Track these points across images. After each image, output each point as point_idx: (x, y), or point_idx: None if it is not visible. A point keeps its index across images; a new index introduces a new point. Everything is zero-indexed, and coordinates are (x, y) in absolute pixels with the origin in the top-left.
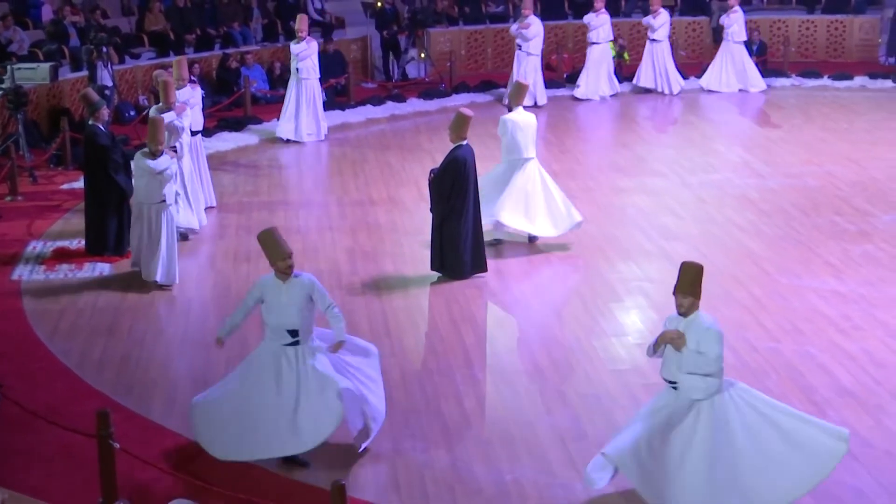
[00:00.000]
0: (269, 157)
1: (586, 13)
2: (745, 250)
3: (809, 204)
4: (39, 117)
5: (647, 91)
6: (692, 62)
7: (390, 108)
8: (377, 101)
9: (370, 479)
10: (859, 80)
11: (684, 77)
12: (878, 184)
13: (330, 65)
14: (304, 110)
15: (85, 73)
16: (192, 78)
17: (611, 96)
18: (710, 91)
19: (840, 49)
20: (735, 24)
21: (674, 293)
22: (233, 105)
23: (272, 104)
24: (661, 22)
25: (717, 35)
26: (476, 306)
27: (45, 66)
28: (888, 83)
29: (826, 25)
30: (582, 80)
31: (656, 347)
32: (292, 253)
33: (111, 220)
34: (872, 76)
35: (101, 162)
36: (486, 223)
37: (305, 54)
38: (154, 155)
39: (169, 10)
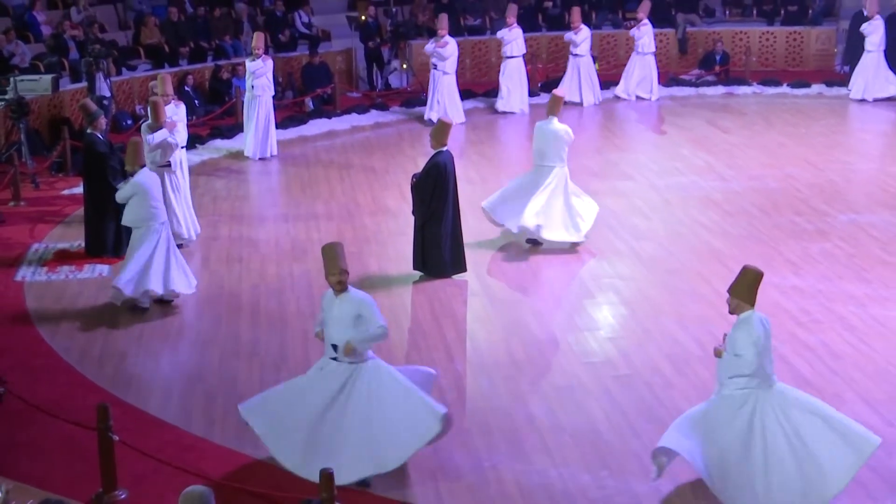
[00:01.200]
0: (260, 164)
1: (561, 26)
2: (709, 248)
3: (770, 205)
4: (41, 126)
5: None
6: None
7: (374, 116)
8: (362, 109)
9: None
10: (816, 88)
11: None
12: (835, 185)
13: (317, 75)
14: (255, 127)
15: (84, 84)
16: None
17: (595, 104)
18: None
19: (798, 59)
20: (645, 36)
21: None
22: (225, 114)
23: None
24: (582, 38)
25: (683, 45)
26: (456, 303)
27: (47, 77)
28: (844, 90)
29: (785, 36)
30: (504, 93)
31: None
32: (345, 270)
33: (109, 224)
34: (829, 84)
35: (99, 168)
36: (509, 227)
37: (262, 72)
38: (131, 174)
39: (163, 24)
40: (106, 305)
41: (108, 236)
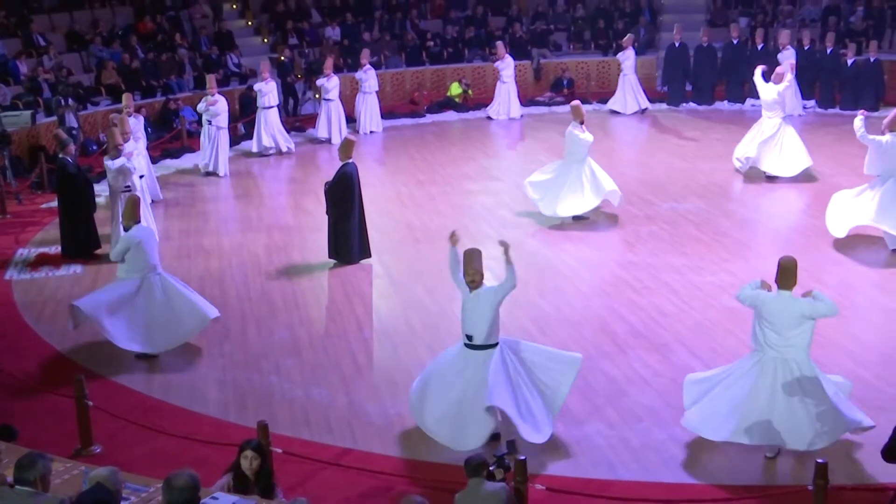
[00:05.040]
0: (203, 179)
1: (440, 60)
2: (563, 233)
3: None
4: (22, 153)
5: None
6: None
7: (293, 137)
8: (299, 129)
9: (287, 418)
10: (663, 107)
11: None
12: (659, 180)
13: (249, 105)
14: (219, 150)
15: (55, 118)
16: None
17: (517, 117)
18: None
19: None
20: (508, 67)
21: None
22: (172, 138)
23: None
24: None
25: (537, 74)
26: (364, 284)
27: (26, 113)
28: (663, 105)
29: (617, 65)
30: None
31: None
32: (479, 272)
33: (80, 230)
34: (652, 101)
35: (70, 186)
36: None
37: (219, 109)
38: (126, 229)
39: (120, 67)
40: (81, 296)
41: (79, 240)
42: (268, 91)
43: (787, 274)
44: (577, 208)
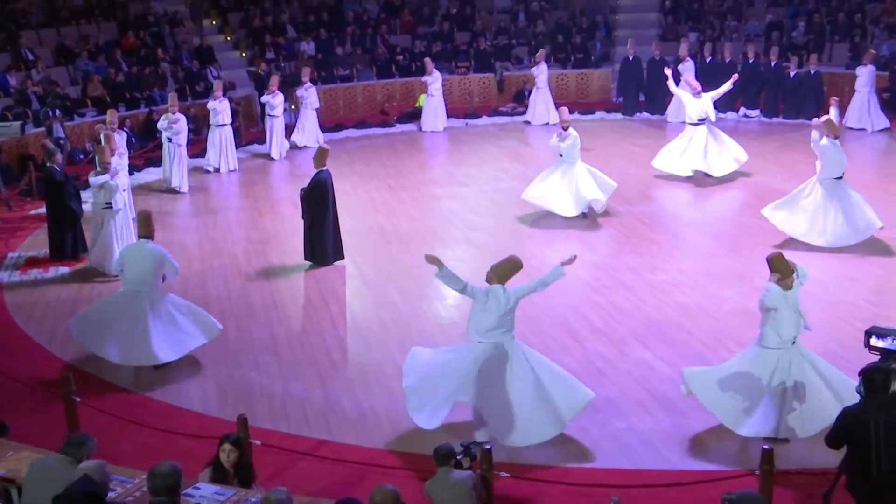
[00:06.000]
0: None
1: (410, 73)
2: (525, 235)
3: None
4: (11, 161)
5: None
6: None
7: (269, 145)
8: (261, 141)
9: (266, 412)
10: (599, 114)
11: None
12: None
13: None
14: (177, 166)
15: (43, 128)
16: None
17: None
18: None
19: (585, 92)
20: (436, 82)
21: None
22: (156, 147)
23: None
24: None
25: (500, 86)
26: (337, 284)
27: (16, 124)
28: (618, 115)
29: (575, 77)
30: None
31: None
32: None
33: (68, 235)
34: (608, 111)
35: (57, 193)
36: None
37: (180, 128)
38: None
39: (105, 80)
40: (67, 298)
41: (66, 244)
42: (221, 110)
43: (780, 267)
44: (572, 207)
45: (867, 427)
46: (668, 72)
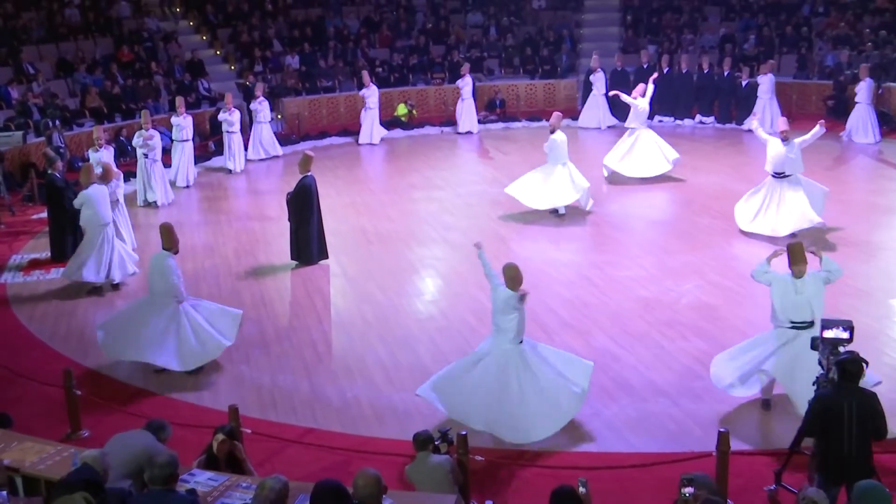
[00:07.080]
0: (180, 189)
1: (390, 84)
2: (497, 235)
3: None
4: (14, 169)
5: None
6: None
7: (258, 151)
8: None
9: (256, 402)
10: (566, 122)
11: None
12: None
13: (218, 126)
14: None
15: (44, 138)
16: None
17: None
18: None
19: (552, 102)
20: (373, 95)
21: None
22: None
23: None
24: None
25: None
26: (322, 282)
27: (18, 133)
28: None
29: (543, 87)
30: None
31: None
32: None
33: (68, 238)
34: (574, 118)
35: (58, 198)
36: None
37: (155, 144)
38: (174, 253)
39: (102, 92)
40: (68, 297)
41: (67, 247)
42: (185, 125)
43: (792, 253)
44: (560, 200)
45: (841, 409)
46: (651, 86)
